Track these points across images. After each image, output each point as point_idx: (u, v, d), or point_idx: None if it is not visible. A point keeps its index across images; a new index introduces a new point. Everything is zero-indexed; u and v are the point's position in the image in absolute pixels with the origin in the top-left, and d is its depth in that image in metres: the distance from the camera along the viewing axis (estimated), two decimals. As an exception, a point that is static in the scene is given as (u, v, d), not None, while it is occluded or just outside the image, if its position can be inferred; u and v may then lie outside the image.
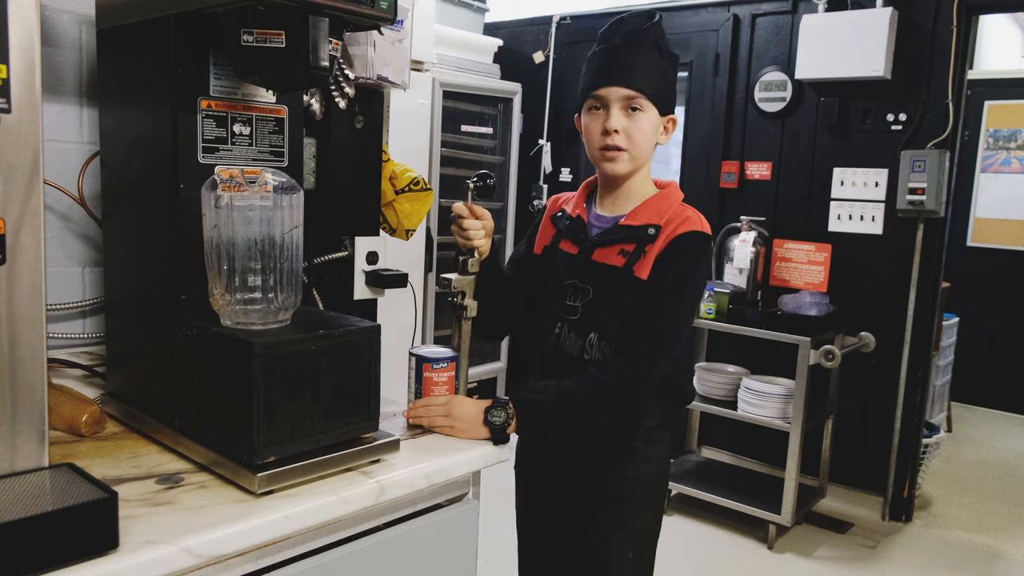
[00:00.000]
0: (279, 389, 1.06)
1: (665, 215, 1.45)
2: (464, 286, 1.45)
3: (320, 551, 1.12)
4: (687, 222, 1.44)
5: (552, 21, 4.51)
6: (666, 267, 1.42)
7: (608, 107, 1.44)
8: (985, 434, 5.09)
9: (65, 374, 1.44)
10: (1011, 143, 5.35)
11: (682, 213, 1.46)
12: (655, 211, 1.46)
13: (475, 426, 1.35)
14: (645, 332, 1.41)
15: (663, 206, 1.47)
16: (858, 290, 3.58)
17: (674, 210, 1.46)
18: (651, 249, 1.43)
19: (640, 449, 1.50)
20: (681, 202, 1.49)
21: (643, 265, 1.42)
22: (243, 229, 1.10)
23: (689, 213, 1.46)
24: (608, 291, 1.46)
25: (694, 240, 1.43)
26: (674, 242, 1.42)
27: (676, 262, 1.42)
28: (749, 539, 3.37)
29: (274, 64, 1.11)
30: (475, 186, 1.50)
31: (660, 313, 1.42)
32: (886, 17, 3.32)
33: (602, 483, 1.50)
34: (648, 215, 1.46)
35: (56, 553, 0.85)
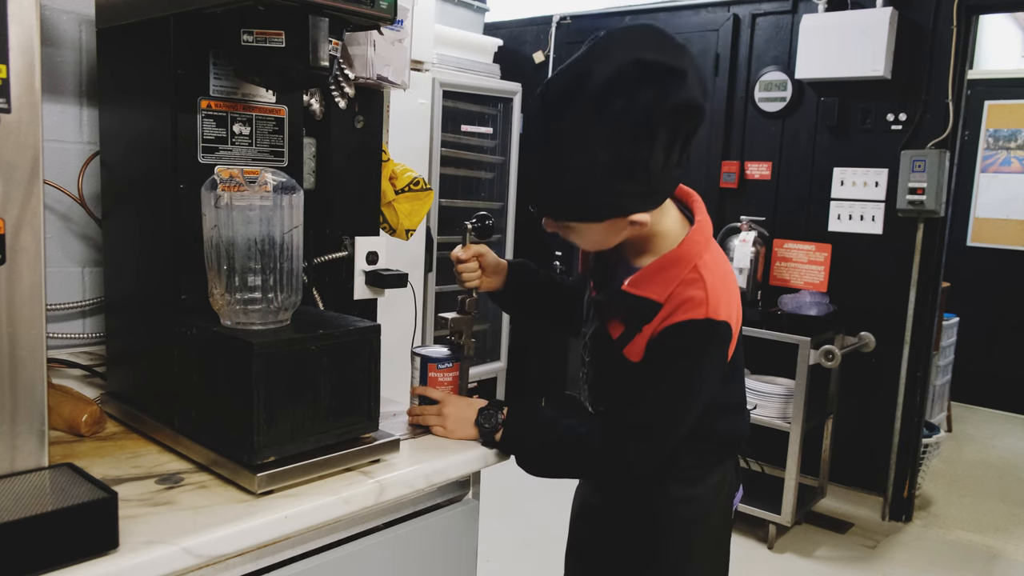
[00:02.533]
0: (279, 389, 1.06)
1: (670, 287, 1.19)
2: (462, 325, 1.46)
3: (320, 551, 1.13)
4: (687, 305, 1.17)
5: (552, 21, 4.51)
6: (656, 357, 1.20)
7: None
8: (985, 434, 5.09)
9: (65, 374, 1.44)
10: (1011, 143, 5.35)
11: (685, 292, 1.17)
12: (660, 280, 1.20)
13: (466, 426, 1.33)
14: (629, 430, 1.23)
15: (670, 274, 1.20)
16: (858, 290, 3.58)
17: (681, 282, 1.19)
18: (646, 329, 1.20)
19: (674, 489, 1.33)
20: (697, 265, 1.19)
21: (635, 346, 1.22)
22: (243, 229, 1.10)
23: (695, 293, 1.17)
24: (601, 363, 1.33)
25: (690, 330, 1.17)
26: (668, 331, 1.18)
27: (667, 354, 1.19)
28: (749, 539, 3.37)
29: (274, 64, 1.11)
30: (473, 227, 1.48)
31: (646, 411, 1.22)
32: (886, 17, 3.32)
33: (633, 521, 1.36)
34: (651, 284, 1.21)
35: (56, 553, 0.85)
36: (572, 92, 1.09)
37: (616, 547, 1.39)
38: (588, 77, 1.08)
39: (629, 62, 1.08)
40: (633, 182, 1.12)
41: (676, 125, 1.11)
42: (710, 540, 1.39)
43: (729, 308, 1.20)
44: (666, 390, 1.21)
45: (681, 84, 1.09)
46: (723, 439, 1.38)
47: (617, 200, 1.14)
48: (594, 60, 1.10)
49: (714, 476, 1.37)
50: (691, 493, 1.34)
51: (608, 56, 1.09)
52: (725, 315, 1.18)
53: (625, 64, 1.08)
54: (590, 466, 1.31)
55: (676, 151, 1.14)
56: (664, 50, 1.10)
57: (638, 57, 1.08)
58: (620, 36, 1.13)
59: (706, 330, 1.17)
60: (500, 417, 1.31)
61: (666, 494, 1.33)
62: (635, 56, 1.08)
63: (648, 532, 1.35)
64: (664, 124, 1.10)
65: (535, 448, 1.30)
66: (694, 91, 1.11)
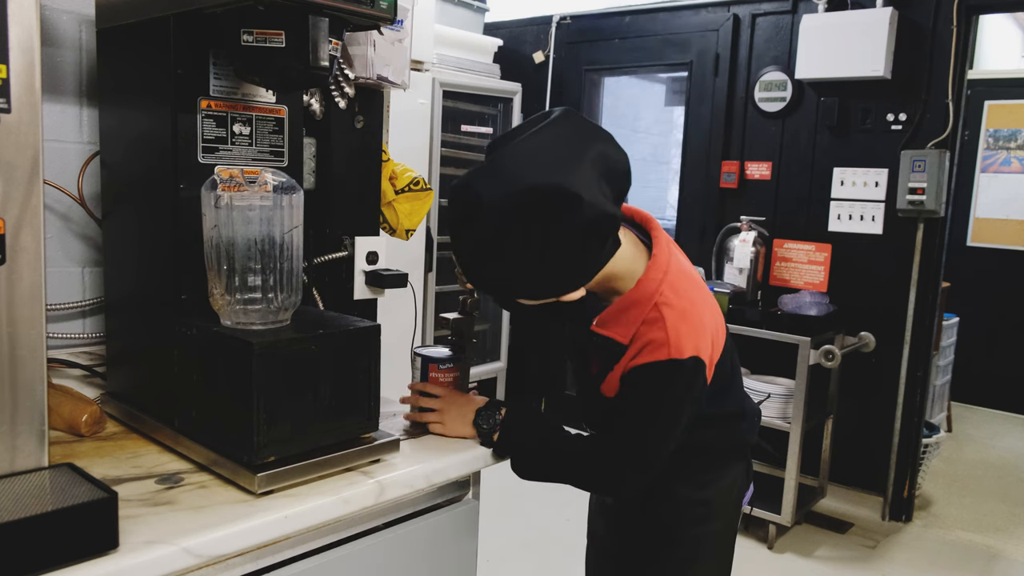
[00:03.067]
0: (279, 389, 1.06)
1: (632, 329, 1.21)
2: (463, 326, 1.46)
3: (320, 551, 1.13)
4: (648, 348, 1.18)
5: (552, 21, 4.51)
6: (629, 396, 1.23)
7: None
8: (985, 434, 5.09)
9: (65, 374, 1.44)
10: (1011, 143, 5.35)
11: (647, 334, 1.19)
12: (623, 321, 1.22)
13: (463, 425, 1.33)
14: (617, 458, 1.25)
15: (632, 315, 1.21)
16: (858, 290, 3.58)
17: (644, 322, 1.20)
18: (617, 367, 1.24)
19: (683, 492, 1.36)
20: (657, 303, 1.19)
21: (610, 382, 1.26)
22: (243, 229, 1.10)
23: (655, 335, 1.18)
24: (584, 391, 1.39)
25: (655, 372, 1.19)
26: (634, 372, 1.21)
27: (636, 393, 1.22)
28: (749, 539, 3.37)
29: (274, 64, 1.11)
30: None
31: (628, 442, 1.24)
32: (886, 17, 3.32)
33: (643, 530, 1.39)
34: (615, 326, 1.23)
35: (56, 553, 0.85)
36: (469, 213, 1.10)
37: (628, 542, 1.41)
38: (479, 200, 1.08)
39: (518, 189, 1.07)
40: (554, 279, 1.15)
41: (584, 237, 1.11)
42: (717, 541, 1.41)
43: (697, 341, 1.20)
44: (640, 423, 1.23)
45: (577, 206, 1.07)
46: (726, 447, 1.40)
47: (544, 290, 1.17)
48: (484, 184, 1.09)
49: (725, 480, 1.39)
50: (700, 496, 1.37)
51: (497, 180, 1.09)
52: (692, 350, 1.18)
53: (514, 191, 1.07)
54: (580, 479, 1.32)
55: (593, 249, 1.14)
56: (557, 169, 1.08)
57: (527, 184, 1.07)
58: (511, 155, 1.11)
59: (670, 370, 1.18)
60: (498, 418, 1.32)
61: (676, 496, 1.36)
62: (524, 183, 1.07)
63: (658, 530, 1.38)
64: (569, 239, 1.10)
65: (531, 454, 1.31)
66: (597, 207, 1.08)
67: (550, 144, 1.11)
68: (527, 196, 1.06)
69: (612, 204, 1.12)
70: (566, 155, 1.10)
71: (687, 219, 4.11)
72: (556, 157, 1.09)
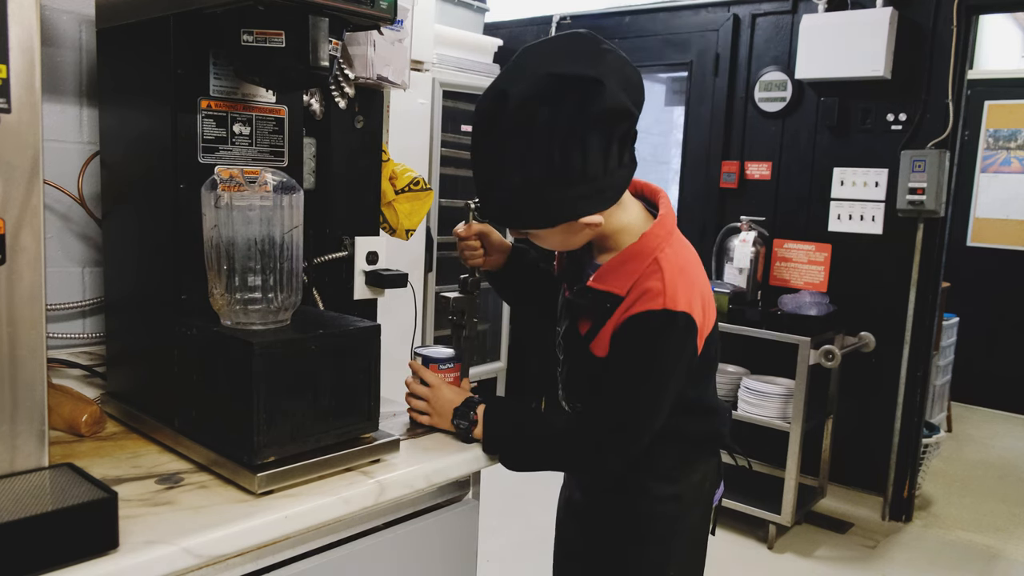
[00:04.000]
0: (279, 389, 1.06)
1: (630, 281, 1.21)
2: (464, 305, 1.45)
3: (320, 551, 1.13)
4: (645, 297, 1.19)
5: (552, 21, 4.51)
6: (621, 350, 1.22)
7: None
8: (985, 434, 5.09)
9: (65, 374, 1.44)
10: (1011, 143, 5.35)
11: (644, 284, 1.19)
12: (621, 273, 1.22)
13: (445, 419, 1.34)
14: (604, 423, 1.24)
15: (631, 268, 1.21)
16: (858, 290, 3.58)
17: (642, 274, 1.20)
18: (609, 323, 1.23)
19: (655, 488, 1.34)
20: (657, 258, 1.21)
21: (600, 340, 1.24)
22: (243, 229, 1.10)
23: (652, 284, 1.19)
24: (572, 358, 1.35)
25: (650, 321, 1.18)
26: (628, 322, 1.20)
27: (630, 346, 1.21)
28: (749, 539, 3.37)
29: (274, 64, 1.11)
30: (476, 207, 1.48)
31: (617, 404, 1.23)
32: (886, 17, 3.32)
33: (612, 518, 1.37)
34: (612, 278, 1.23)
35: (56, 553, 0.85)
36: (494, 114, 1.14)
37: (599, 542, 1.39)
38: (505, 98, 1.12)
39: (542, 77, 1.11)
40: (574, 189, 1.15)
41: (605, 131, 1.13)
42: (689, 537, 1.40)
43: (690, 299, 1.20)
44: (631, 381, 1.22)
45: (599, 92, 1.10)
46: (698, 439, 1.38)
47: (562, 207, 1.17)
48: (509, 81, 1.14)
49: (696, 474, 1.38)
50: (672, 491, 1.35)
51: (522, 74, 1.13)
52: (685, 306, 1.19)
53: (538, 80, 1.11)
54: (567, 459, 1.32)
55: (614, 155, 1.16)
56: (578, 61, 1.12)
57: (550, 71, 1.11)
58: (534, 52, 1.16)
59: (664, 320, 1.18)
60: (473, 416, 1.31)
61: (647, 492, 1.34)
62: (547, 71, 1.11)
63: (629, 529, 1.36)
64: (591, 132, 1.12)
65: (513, 444, 1.30)
66: (617, 97, 1.12)
67: (570, 44, 1.16)
68: (551, 81, 1.10)
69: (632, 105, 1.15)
70: (587, 51, 1.14)
71: (687, 219, 4.11)
72: (578, 52, 1.14)
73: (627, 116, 1.14)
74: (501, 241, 1.51)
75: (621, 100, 1.12)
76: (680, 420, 1.31)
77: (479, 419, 1.31)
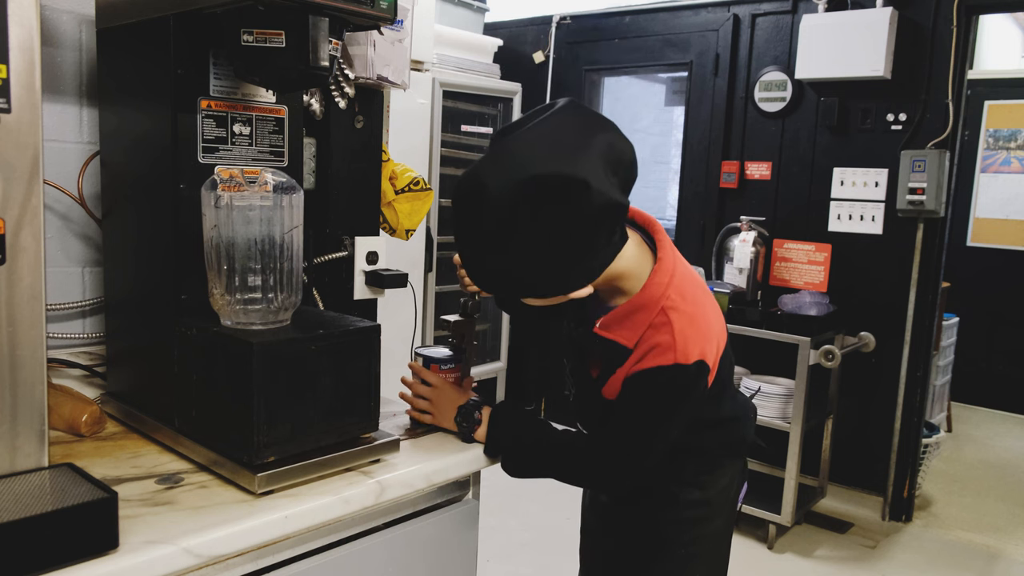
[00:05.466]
0: (279, 389, 1.06)
1: (638, 333, 1.19)
2: (464, 328, 1.46)
3: (320, 551, 1.13)
4: (655, 352, 1.17)
5: (552, 21, 4.51)
6: (629, 398, 1.22)
7: None
8: (985, 434, 5.09)
9: (65, 374, 1.44)
10: (1011, 143, 5.35)
11: (653, 337, 1.18)
12: (629, 325, 1.21)
13: (447, 418, 1.35)
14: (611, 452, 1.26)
15: (638, 319, 1.20)
16: (858, 290, 3.58)
17: (650, 326, 1.19)
18: (620, 371, 1.23)
19: (683, 494, 1.35)
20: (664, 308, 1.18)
21: (611, 386, 1.25)
22: (243, 229, 1.10)
23: (662, 339, 1.17)
24: (582, 393, 1.40)
25: (659, 376, 1.18)
26: (638, 376, 1.20)
27: (638, 397, 1.21)
28: (749, 539, 3.37)
29: (274, 64, 1.11)
30: None
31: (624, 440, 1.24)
32: (886, 17, 3.32)
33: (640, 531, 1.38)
34: (620, 329, 1.22)
35: (56, 553, 0.85)
36: (476, 206, 1.08)
37: (622, 543, 1.41)
38: (486, 193, 1.06)
39: (524, 179, 1.05)
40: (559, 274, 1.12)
41: (592, 226, 1.09)
42: (713, 542, 1.41)
43: (703, 346, 1.19)
44: (639, 424, 1.24)
45: (584, 192, 1.05)
46: (724, 448, 1.40)
47: (548, 288, 1.15)
48: (490, 174, 1.07)
49: (724, 478, 1.39)
50: (699, 497, 1.36)
51: (503, 168, 1.07)
52: (697, 355, 1.18)
53: (520, 182, 1.05)
54: (567, 474, 1.32)
55: (602, 240, 1.12)
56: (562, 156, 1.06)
57: (532, 174, 1.05)
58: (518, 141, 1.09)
59: (675, 375, 1.17)
60: (477, 417, 1.32)
61: (673, 498, 1.35)
62: (529, 173, 1.05)
63: (652, 533, 1.37)
64: (577, 228, 1.08)
65: (521, 452, 1.31)
66: (605, 194, 1.06)
67: (555, 133, 1.09)
68: (533, 184, 1.04)
69: (620, 193, 1.11)
70: (572, 143, 1.08)
71: (687, 219, 4.11)
72: (562, 145, 1.07)
73: (615, 208, 1.09)
74: None
75: (609, 196, 1.07)
76: (701, 435, 1.33)
77: (483, 420, 1.32)
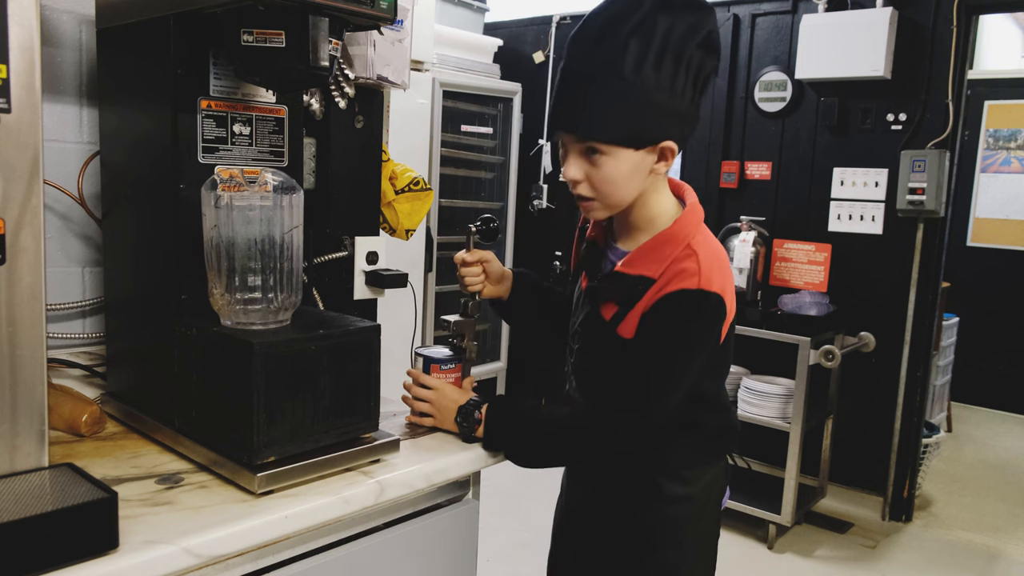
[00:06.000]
0: (279, 389, 1.06)
1: (664, 264, 1.21)
2: (464, 328, 1.46)
3: (320, 551, 1.13)
4: (680, 277, 1.19)
5: (552, 21, 4.51)
6: (648, 329, 1.21)
7: (567, 151, 1.23)
8: (985, 434, 5.09)
9: (65, 374, 1.44)
10: (1011, 143, 5.35)
11: (679, 265, 1.20)
12: (654, 258, 1.23)
13: (448, 419, 1.34)
14: (616, 401, 1.23)
15: (665, 251, 1.22)
16: (858, 290, 3.58)
17: (675, 258, 1.21)
18: (639, 306, 1.22)
19: (667, 487, 1.32)
20: (690, 243, 1.22)
21: (628, 323, 1.23)
22: (243, 229, 1.10)
23: (688, 265, 1.20)
24: (593, 345, 1.33)
25: (684, 300, 1.18)
26: (661, 302, 1.20)
27: (658, 325, 1.20)
28: (749, 539, 3.37)
29: (274, 64, 1.11)
30: (477, 230, 1.48)
31: (633, 383, 1.22)
32: (886, 17, 3.32)
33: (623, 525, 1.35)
34: (645, 263, 1.23)
35: (56, 553, 0.85)
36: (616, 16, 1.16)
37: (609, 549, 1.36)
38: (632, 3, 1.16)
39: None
40: (669, 105, 1.18)
41: (703, 58, 1.19)
42: (702, 542, 1.39)
43: (723, 283, 1.21)
44: (654, 359, 1.21)
45: (708, 19, 1.19)
46: (714, 434, 1.37)
47: (655, 121, 1.19)
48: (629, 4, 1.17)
49: (708, 475, 1.36)
50: (684, 492, 1.33)
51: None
52: (718, 288, 1.20)
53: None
54: (575, 446, 1.29)
55: (699, 87, 1.22)
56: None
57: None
58: None
59: (698, 299, 1.18)
60: (477, 416, 1.31)
61: (658, 494, 1.31)
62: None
63: (637, 536, 1.33)
64: (695, 53, 1.18)
65: (519, 439, 1.29)
66: (717, 30, 1.21)
67: None
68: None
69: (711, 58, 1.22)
70: None
71: (687, 219, 4.11)
72: None
73: (717, 54, 1.21)
74: (502, 270, 1.50)
75: (718, 36, 1.21)
76: (699, 413, 1.31)
77: (483, 418, 1.31)
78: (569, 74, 1.21)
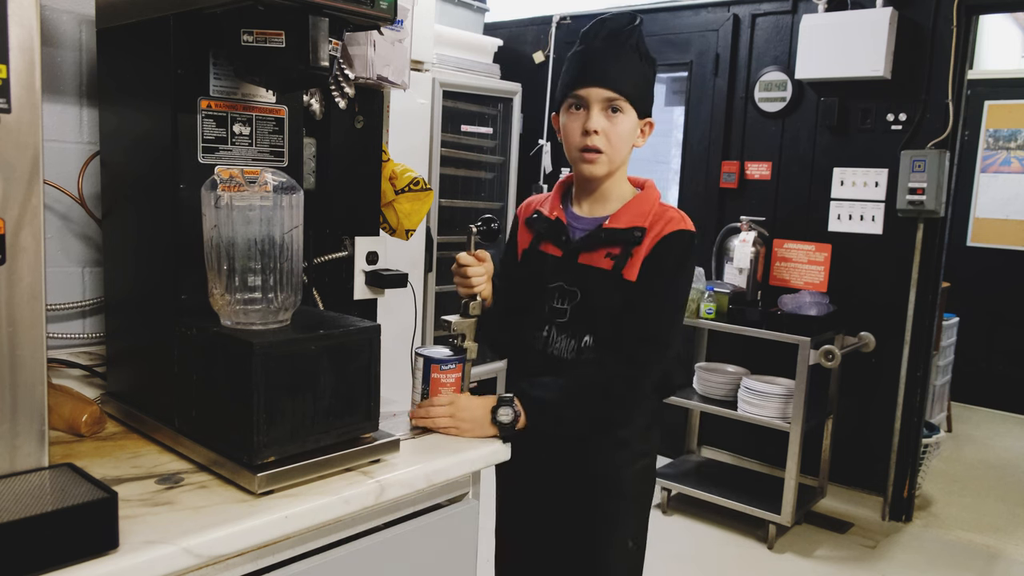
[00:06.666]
0: (279, 389, 1.06)
1: (648, 216, 1.47)
2: (465, 329, 1.46)
3: (320, 551, 1.12)
4: (671, 222, 1.45)
5: (552, 21, 4.51)
6: (653, 270, 1.43)
7: (588, 107, 1.45)
8: (985, 434, 5.09)
9: (65, 374, 1.44)
10: (1011, 143, 5.35)
11: (664, 214, 1.47)
12: (638, 212, 1.47)
13: (482, 425, 1.36)
14: (637, 337, 1.43)
15: (645, 207, 1.48)
16: (858, 290, 3.58)
17: (656, 211, 1.48)
18: (638, 251, 1.44)
19: (633, 444, 1.53)
20: (660, 201, 1.51)
21: (631, 267, 1.44)
22: (243, 229, 1.10)
23: (672, 213, 1.47)
24: (598, 294, 1.47)
25: (680, 240, 1.44)
26: (660, 243, 1.44)
27: (663, 264, 1.44)
28: (749, 539, 3.37)
29: (274, 64, 1.11)
30: (479, 231, 1.49)
31: (650, 318, 1.44)
32: (886, 17, 3.32)
33: (598, 477, 1.51)
34: (631, 217, 1.47)
35: (56, 553, 0.85)
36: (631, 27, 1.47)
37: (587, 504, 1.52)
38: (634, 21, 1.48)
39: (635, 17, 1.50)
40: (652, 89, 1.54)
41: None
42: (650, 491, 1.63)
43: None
44: (663, 296, 1.44)
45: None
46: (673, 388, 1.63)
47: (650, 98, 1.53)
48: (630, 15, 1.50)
49: (658, 426, 1.60)
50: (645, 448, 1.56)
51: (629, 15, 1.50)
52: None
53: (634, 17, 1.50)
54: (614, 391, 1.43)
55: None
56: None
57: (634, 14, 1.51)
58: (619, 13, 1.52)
59: (689, 239, 1.45)
60: (516, 408, 1.37)
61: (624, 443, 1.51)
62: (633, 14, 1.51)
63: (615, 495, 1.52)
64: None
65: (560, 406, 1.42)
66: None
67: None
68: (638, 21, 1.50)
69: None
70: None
71: (687, 219, 4.11)
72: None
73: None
74: (491, 270, 1.55)
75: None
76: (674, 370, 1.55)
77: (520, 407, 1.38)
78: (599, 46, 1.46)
